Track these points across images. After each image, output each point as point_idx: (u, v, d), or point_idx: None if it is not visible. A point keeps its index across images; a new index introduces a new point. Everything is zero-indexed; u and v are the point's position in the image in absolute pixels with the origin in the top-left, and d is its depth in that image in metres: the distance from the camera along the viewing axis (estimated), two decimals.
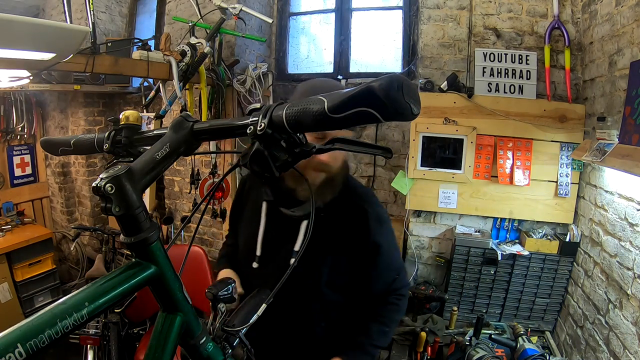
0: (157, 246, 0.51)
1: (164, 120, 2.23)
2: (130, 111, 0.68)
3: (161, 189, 3.02)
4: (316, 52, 2.97)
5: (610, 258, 1.69)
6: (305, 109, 0.45)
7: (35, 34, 1.26)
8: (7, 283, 2.92)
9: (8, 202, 3.44)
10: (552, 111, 2.12)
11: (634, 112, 1.45)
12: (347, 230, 1.04)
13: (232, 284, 0.70)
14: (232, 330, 0.67)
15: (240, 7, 2.08)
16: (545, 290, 2.17)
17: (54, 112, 3.75)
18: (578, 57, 2.11)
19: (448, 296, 2.24)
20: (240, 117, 0.53)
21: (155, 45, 2.83)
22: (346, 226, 1.04)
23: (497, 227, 2.33)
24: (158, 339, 0.54)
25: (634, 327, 1.48)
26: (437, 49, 2.36)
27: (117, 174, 0.46)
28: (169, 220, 2.83)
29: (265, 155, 0.52)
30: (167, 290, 0.54)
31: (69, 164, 3.77)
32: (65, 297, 0.44)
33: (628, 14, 1.58)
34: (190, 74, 1.97)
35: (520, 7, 2.20)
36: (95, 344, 2.17)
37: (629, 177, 1.54)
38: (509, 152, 2.17)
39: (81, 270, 3.73)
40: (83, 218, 3.84)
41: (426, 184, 2.31)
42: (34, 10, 3.71)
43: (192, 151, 0.56)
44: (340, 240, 1.04)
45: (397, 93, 0.39)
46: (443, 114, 2.25)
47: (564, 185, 2.13)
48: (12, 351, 0.36)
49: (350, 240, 1.05)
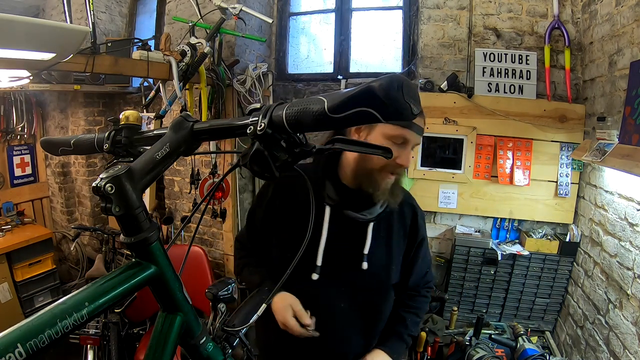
0: (157, 246, 0.51)
1: (164, 120, 2.22)
2: (130, 111, 0.68)
3: (161, 189, 3.01)
4: (316, 52, 2.97)
5: (610, 258, 1.69)
6: (305, 109, 0.45)
7: (35, 34, 1.26)
8: (7, 283, 2.92)
9: (8, 202, 3.44)
10: (552, 111, 2.12)
11: (634, 112, 1.45)
12: (404, 228, 1.09)
13: (232, 283, 0.70)
14: (232, 330, 0.66)
15: (240, 7, 2.07)
16: (545, 290, 2.17)
17: (54, 112, 3.75)
18: (578, 57, 2.11)
19: (448, 296, 2.24)
20: (240, 117, 0.53)
21: (155, 45, 2.83)
22: (403, 224, 1.09)
23: (497, 227, 2.33)
24: (158, 339, 0.54)
25: (634, 327, 1.48)
26: (437, 49, 2.36)
27: (117, 174, 0.46)
28: (169, 220, 2.83)
29: (265, 155, 0.52)
30: (167, 290, 0.54)
31: (69, 164, 3.76)
32: (65, 297, 0.44)
33: (628, 14, 1.58)
34: (190, 74, 1.96)
35: (520, 7, 2.20)
36: (95, 344, 2.17)
37: (629, 177, 1.54)
38: (509, 152, 2.17)
39: (81, 270, 3.73)
40: (83, 218, 3.84)
41: (426, 184, 2.31)
42: (34, 10, 3.71)
43: (192, 151, 0.56)
44: (400, 239, 1.08)
45: (397, 93, 0.39)
46: (443, 114, 2.26)
47: (564, 185, 2.13)
48: (12, 351, 0.36)
49: (406, 237, 1.09)
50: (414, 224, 1.10)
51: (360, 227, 1.02)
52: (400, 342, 1.10)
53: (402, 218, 1.08)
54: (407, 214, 1.09)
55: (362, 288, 1.04)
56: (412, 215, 1.10)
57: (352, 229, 1.02)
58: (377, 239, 1.03)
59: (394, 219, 1.07)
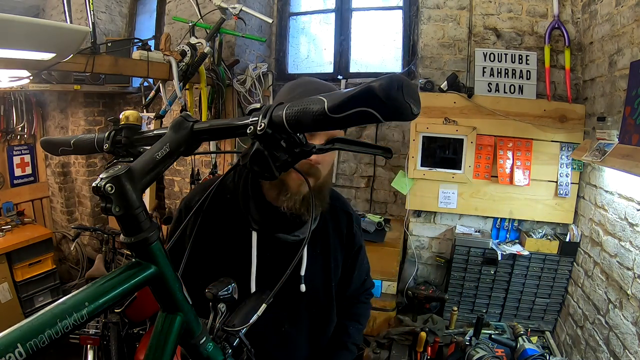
0: (157, 246, 0.51)
1: (164, 120, 2.23)
2: (130, 111, 0.68)
3: (161, 189, 3.02)
4: (316, 52, 2.97)
5: (610, 258, 1.69)
6: (305, 109, 0.45)
7: (35, 34, 1.26)
8: (7, 283, 2.92)
9: (8, 202, 3.44)
10: (552, 111, 2.12)
11: (634, 112, 1.45)
12: (340, 239, 1.03)
13: (232, 283, 0.70)
14: (232, 330, 0.66)
15: (240, 7, 2.08)
16: (545, 290, 2.17)
17: (54, 112, 3.75)
18: (578, 57, 2.11)
19: (448, 296, 2.24)
20: (240, 117, 0.53)
21: (155, 45, 2.83)
22: (339, 234, 1.03)
23: (497, 227, 2.33)
24: (158, 339, 0.54)
25: (634, 327, 1.48)
26: (437, 49, 2.36)
27: (117, 174, 0.46)
28: (169, 220, 2.83)
29: (265, 155, 0.52)
30: (167, 290, 0.54)
31: (69, 164, 3.77)
32: (65, 297, 0.44)
33: (628, 14, 1.58)
34: (190, 74, 1.97)
35: (520, 7, 2.20)
36: (95, 344, 2.17)
37: (629, 177, 1.54)
38: (509, 152, 2.17)
39: (81, 270, 3.73)
40: (83, 218, 3.84)
41: (426, 184, 2.31)
42: (34, 10, 3.71)
43: (192, 151, 0.56)
44: (337, 251, 1.03)
45: (397, 93, 0.39)
46: (443, 114, 2.25)
47: (564, 185, 2.13)
48: (12, 351, 0.36)
49: (343, 247, 1.04)
50: (349, 233, 1.04)
51: (293, 248, 0.92)
52: (346, 352, 1.06)
53: (337, 228, 1.02)
54: (343, 222, 1.03)
55: (303, 310, 0.98)
56: (347, 223, 1.03)
57: (285, 250, 0.91)
58: (314, 256, 0.96)
59: (329, 231, 1.00)
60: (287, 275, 0.65)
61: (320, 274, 0.99)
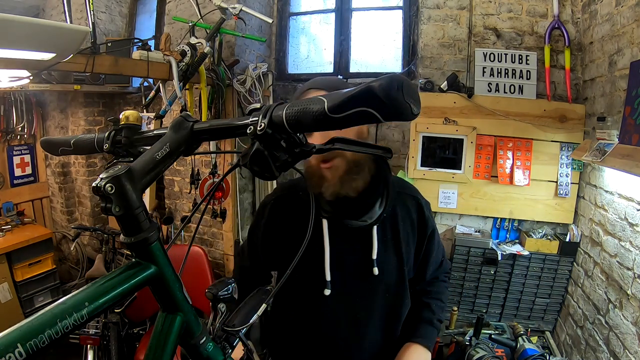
0: (157, 246, 0.51)
1: (164, 120, 2.22)
2: (130, 111, 0.68)
3: (161, 189, 3.01)
4: (316, 52, 2.97)
5: (610, 258, 1.69)
6: (305, 109, 0.45)
7: (35, 34, 1.26)
8: (7, 283, 2.92)
9: (8, 202, 3.44)
10: (552, 111, 2.12)
11: (634, 112, 1.45)
12: (412, 224, 1.05)
13: (232, 283, 0.70)
14: (232, 330, 0.66)
15: (240, 7, 2.07)
16: (545, 290, 2.17)
17: (54, 112, 3.75)
18: (578, 57, 2.11)
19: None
20: (240, 117, 0.53)
21: (155, 45, 2.83)
22: (410, 220, 1.05)
23: (497, 227, 2.33)
24: (158, 339, 0.54)
25: (634, 327, 1.48)
26: (437, 49, 2.36)
27: (117, 174, 0.46)
28: (169, 220, 2.83)
29: (265, 155, 0.52)
30: (167, 290, 0.54)
31: (69, 164, 3.76)
32: (65, 297, 0.44)
33: (628, 14, 1.58)
34: (190, 74, 1.96)
35: (520, 7, 2.20)
36: (95, 344, 2.17)
37: (629, 177, 1.54)
38: (509, 152, 2.17)
39: (81, 270, 3.73)
40: (83, 218, 3.84)
41: (426, 184, 2.31)
42: (34, 10, 3.71)
43: (192, 151, 0.56)
44: (409, 236, 1.05)
45: (397, 93, 0.39)
46: (443, 114, 2.26)
47: (564, 185, 2.13)
48: (12, 351, 0.36)
49: (415, 232, 1.06)
50: (420, 217, 1.06)
51: (364, 234, 0.98)
52: (431, 328, 1.07)
53: (407, 214, 1.04)
54: (412, 208, 1.05)
55: (377, 295, 1.01)
56: (417, 209, 1.06)
57: (356, 236, 0.98)
58: (384, 241, 1.00)
59: (398, 217, 1.03)
60: (287, 275, 0.65)
61: (393, 257, 1.02)
